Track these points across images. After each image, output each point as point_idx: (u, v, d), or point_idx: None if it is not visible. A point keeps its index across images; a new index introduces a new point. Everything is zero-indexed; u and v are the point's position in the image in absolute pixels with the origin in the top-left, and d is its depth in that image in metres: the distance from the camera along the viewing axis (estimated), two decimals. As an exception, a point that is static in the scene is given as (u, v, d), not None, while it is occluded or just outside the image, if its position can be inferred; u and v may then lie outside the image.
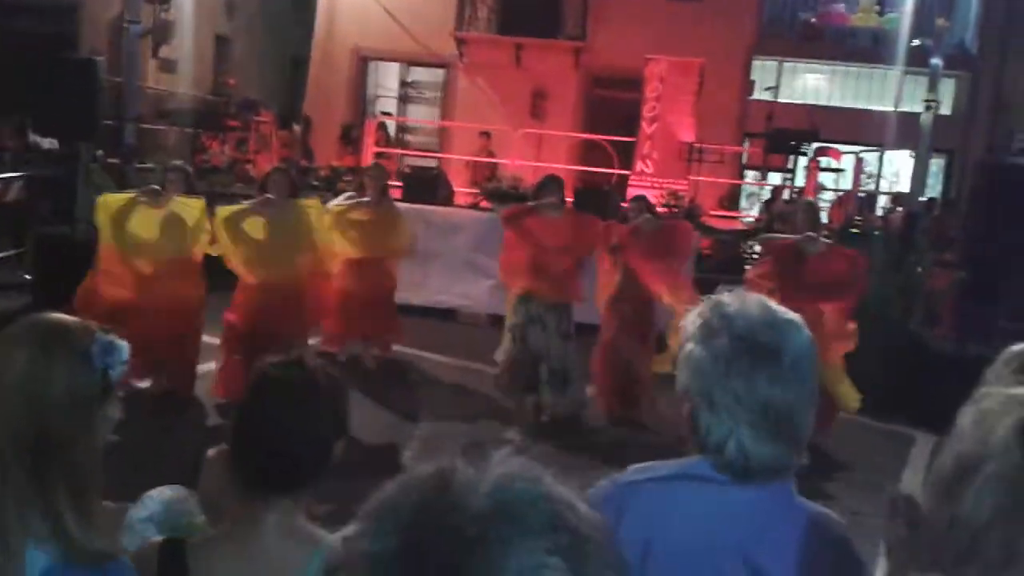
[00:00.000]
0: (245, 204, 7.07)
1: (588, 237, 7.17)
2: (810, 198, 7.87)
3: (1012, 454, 1.36)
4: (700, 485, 1.64)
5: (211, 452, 2.55)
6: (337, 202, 8.22)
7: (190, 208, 6.79)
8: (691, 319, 1.69)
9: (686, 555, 1.62)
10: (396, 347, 8.95)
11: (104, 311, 6.31)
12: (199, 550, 1.82)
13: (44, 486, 1.61)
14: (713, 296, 1.70)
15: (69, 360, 1.65)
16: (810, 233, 6.83)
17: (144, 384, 6.90)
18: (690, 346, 1.65)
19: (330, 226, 7.65)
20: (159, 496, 2.51)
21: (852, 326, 6.83)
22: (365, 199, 8.20)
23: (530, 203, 7.15)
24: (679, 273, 7.50)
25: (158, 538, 1.98)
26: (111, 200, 6.88)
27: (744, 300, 1.67)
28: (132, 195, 6.87)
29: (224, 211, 6.89)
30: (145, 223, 6.74)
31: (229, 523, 1.90)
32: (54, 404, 1.63)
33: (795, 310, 5.92)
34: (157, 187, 6.94)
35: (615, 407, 7.39)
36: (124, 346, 1.72)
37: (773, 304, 1.68)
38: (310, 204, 7.34)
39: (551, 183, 7.18)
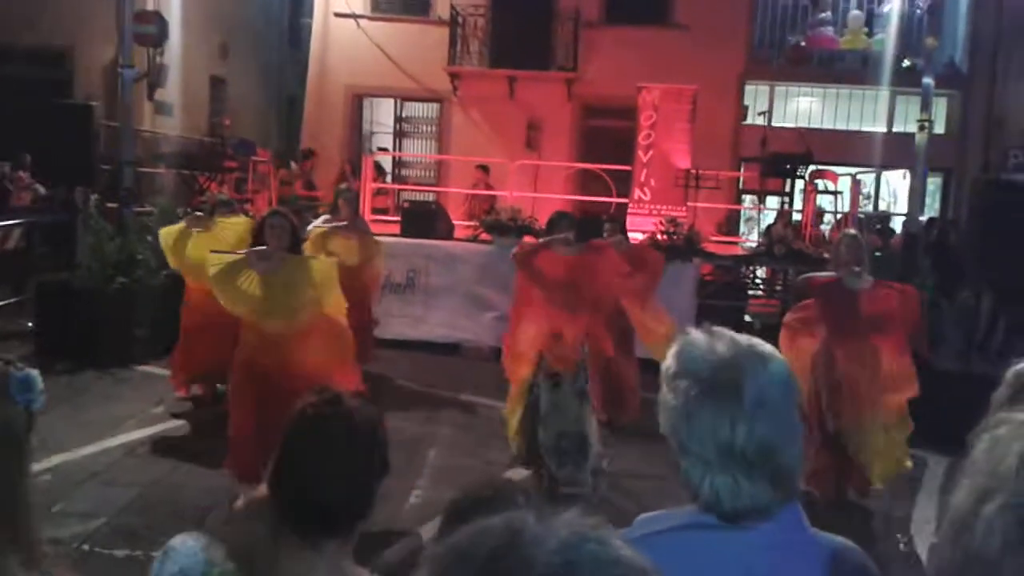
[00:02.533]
0: (236, 256, 6.12)
1: (604, 272, 6.67)
2: (853, 230, 7.29)
3: (1021, 483, 1.33)
4: (708, 533, 1.60)
5: (238, 503, 2.51)
6: (315, 224, 8.72)
7: (235, 226, 7.32)
8: (666, 361, 1.65)
9: None
10: (401, 381, 8.97)
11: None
12: None
13: None
14: (684, 335, 1.65)
15: None
16: (855, 267, 6.35)
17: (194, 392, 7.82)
18: (663, 390, 1.62)
19: (310, 246, 7.98)
20: (184, 547, 2.45)
21: (911, 368, 6.28)
22: (341, 223, 8.68)
23: (541, 240, 6.85)
24: (649, 292, 7.71)
25: None
26: (165, 232, 7.78)
27: (713, 337, 1.62)
28: (182, 225, 7.73)
29: (213, 260, 6.08)
30: (203, 248, 7.11)
31: (274, 572, 1.86)
32: None
33: (849, 352, 5.65)
34: (201, 213, 7.85)
35: (603, 414, 7.55)
36: (37, 377, 1.71)
37: (743, 339, 1.63)
38: (314, 259, 6.42)
39: (561, 219, 6.77)
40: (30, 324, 9.67)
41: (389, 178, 17.49)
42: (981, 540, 1.36)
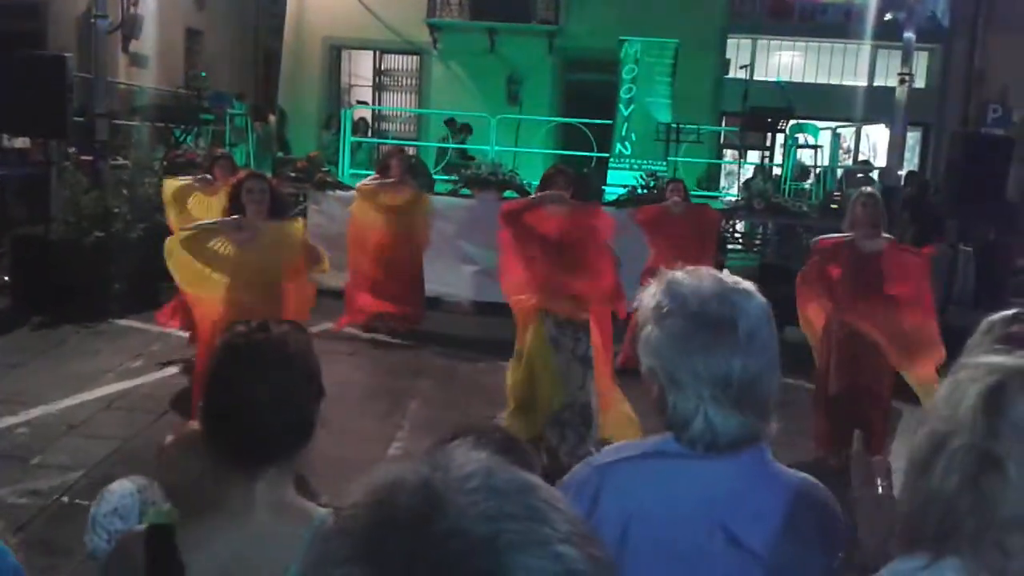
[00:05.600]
0: (210, 224, 5.78)
1: (594, 228, 6.12)
2: (870, 188, 6.86)
3: (978, 423, 1.36)
4: (673, 461, 1.64)
5: (168, 440, 2.47)
6: (364, 182, 9.15)
7: None
8: (647, 299, 1.67)
9: (664, 532, 1.62)
10: (381, 335, 8.99)
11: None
12: (189, 533, 1.71)
13: None
14: (666, 275, 1.68)
15: None
16: (872, 229, 6.04)
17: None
18: (648, 328, 1.64)
19: (360, 200, 8.88)
20: (120, 488, 2.45)
21: (934, 332, 5.87)
22: (389, 180, 8.90)
23: (532, 196, 6.43)
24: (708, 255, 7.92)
25: (138, 527, 1.89)
26: (168, 184, 7.76)
27: (697, 275, 1.66)
28: (187, 182, 7.64)
29: (176, 236, 5.78)
30: (205, 208, 7.18)
31: (214, 503, 1.79)
32: None
33: (863, 316, 5.43)
34: (208, 176, 7.68)
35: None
36: None
37: (727, 276, 1.68)
38: (293, 228, 5.93)
39: (557, 176, 6.22)
40: (6, 278, 9.58)
41: (369, 132, 17.35)
42: (939, 480, 1.39)
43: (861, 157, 17.37)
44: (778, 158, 14.41)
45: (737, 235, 12.59)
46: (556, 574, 0.68)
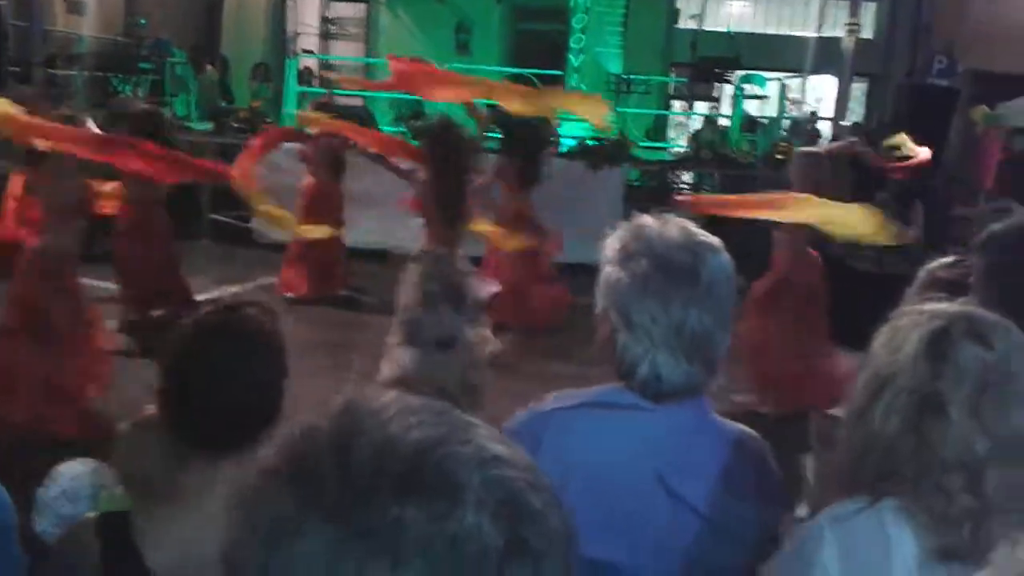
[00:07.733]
0: None
1: None
2: (805, 148, 6.83)
3: (920, 366, 1.38)
4: (615, 412, 1.65)
5: (125, 425, 2.43)
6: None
7: None
8: (610, 241, 1.66)
9: (602, 482, 1.63)
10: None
11: None
12: (145, 521, 1.66)
13: None
14: (635, 219, 1.67)
15: None
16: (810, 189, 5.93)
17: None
18: (608, 268, 1.64)
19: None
20: (69, 471, 2.40)
21: None
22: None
23: None
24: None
25: (90, 513, 1.83)
26: None
27: (665, 223, 1.65)
28: None
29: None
30: None
31: (171, 490, 1.72)
32: None
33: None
34: None
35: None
36: None
37: (694, 227, 1.67)
38: None
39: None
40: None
41: (316, 82, 17.05)
42: (880, 423, 1.41)
43: (808, 108, 17.44)
44: (727, 109, 14.42)
45: (684, 186, 12.62)
46: (484, 460, 0.71)
